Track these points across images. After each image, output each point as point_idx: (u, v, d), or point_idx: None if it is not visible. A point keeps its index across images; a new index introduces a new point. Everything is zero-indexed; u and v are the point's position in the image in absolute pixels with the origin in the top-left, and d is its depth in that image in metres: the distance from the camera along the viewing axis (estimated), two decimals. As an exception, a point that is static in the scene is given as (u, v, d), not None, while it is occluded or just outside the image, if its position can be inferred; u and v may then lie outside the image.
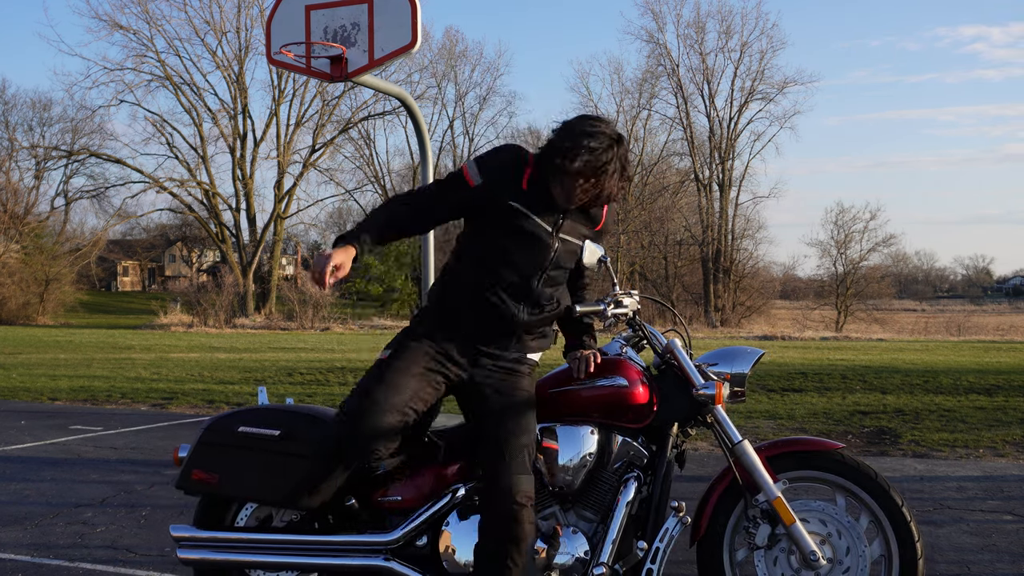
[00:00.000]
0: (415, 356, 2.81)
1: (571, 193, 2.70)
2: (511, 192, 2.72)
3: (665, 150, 43.85)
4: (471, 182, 2.74)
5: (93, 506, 5.18)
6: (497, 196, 2.72)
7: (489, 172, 2.74)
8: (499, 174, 2.74)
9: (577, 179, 2.67)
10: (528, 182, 2.73)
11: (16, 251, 40.19)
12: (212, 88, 46.21)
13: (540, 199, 2.74)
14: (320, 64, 6.25)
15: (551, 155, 2.69)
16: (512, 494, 2.71)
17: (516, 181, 2.72)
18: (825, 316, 41.50)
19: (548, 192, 2.73)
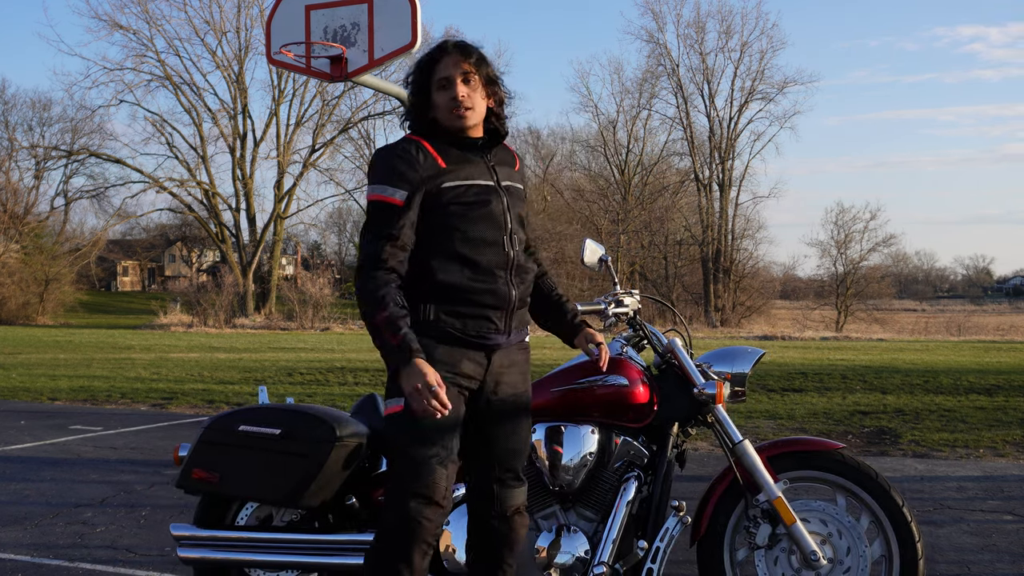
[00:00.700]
0: None
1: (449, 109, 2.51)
2: (437, 176, 2.49)
3: (665, 150, 43.89)
4: (398, 201, 2.47)
5: (93, 506, 5.18)
6: (428, 190, 2.49)
7: (403, 178, 2.48)
8: (413, 170, 2.49)
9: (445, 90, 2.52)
10: (441, 157, 2.52)
11: (16, 251, 40.20)
12: (212, 88, 46.23)
13: (463, 161, 2.55)
14: (320, 64, 6.25)
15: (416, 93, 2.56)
16: (513, 504, 2.64)
17: (432, 164, 2.50)
18: (825, 316, 41.49)
19: (462, 151, 2.55)
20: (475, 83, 2.55)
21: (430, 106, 2.55)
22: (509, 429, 2.64)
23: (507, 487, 2.63)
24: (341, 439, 2.97)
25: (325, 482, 2.96)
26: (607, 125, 43.58)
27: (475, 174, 2.56)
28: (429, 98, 2.55)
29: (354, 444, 2.99)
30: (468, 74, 2.54)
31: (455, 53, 2.55)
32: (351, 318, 33.74)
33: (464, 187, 2.52)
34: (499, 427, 2.62)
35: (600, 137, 43.82)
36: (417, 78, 2.58)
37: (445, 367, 2.49)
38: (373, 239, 2.48)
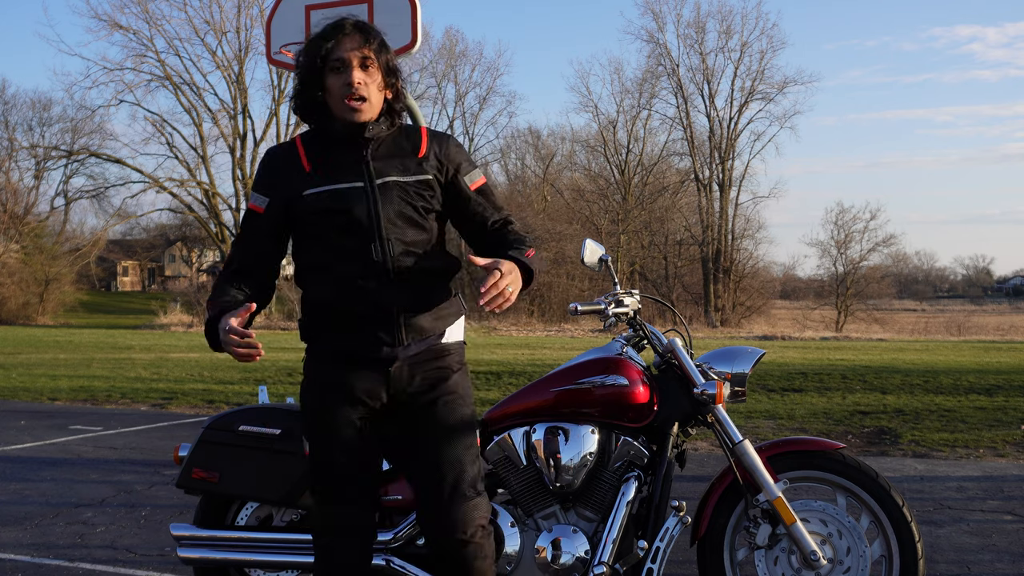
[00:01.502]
0: (326, 419, 2.40)
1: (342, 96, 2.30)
2: (300, 184, 2.34)
3: (665, 150, 43.92)
4: (260, 209, 2.39)
5: (93, 506, 5.17)
6: (290, 200, 2.35)
7: (268, 186, 2.39)
8: (276, 177, 2.38)
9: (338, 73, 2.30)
10: (309, 161, 2.36)
11: (16, 251, 40.21)
12: (212, 88, 46.27)
13: (331, 164, 2.35)
14: (320, 64, 6.25)
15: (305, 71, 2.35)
16: (460, 527, 2.37)
17: (297, 170, 2.35)
18: (825, 316, 41.51)
19: (334, 152, 2.35)
20: (373, 71, 2.32)
21: (321, 88, 2.33)
22: (440, 441, 2.40)
23: (456, 504, 2.37)
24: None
25: (325, 482, 2.96)
26: (607, 125, 43.64)
27: (341, 175, 2.33)
28: (320, 79, 2.32)
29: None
30: (367, 59, 2.31)
31: (354, 34, 2.33)
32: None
33: (325, 193, 2.32)
34: (426, 442, 2.41)
35: (600, 137, 43.87)
36: (308, 57, 2.34)
37: (335, 390, 2.39)
38: (231, 246, 2.48)
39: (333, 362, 2.40)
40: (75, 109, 57.96)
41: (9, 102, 47.56)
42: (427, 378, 2.42)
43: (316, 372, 2.46)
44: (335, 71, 2.31)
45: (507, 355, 16.49)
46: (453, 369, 2.47)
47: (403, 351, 2.38)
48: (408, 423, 2.44)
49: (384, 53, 2.36)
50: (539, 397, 2.98)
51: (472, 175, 2.48)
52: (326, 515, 2.45)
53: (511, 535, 2.90)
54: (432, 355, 2.43)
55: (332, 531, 2.44)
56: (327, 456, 2.41)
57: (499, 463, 2.98)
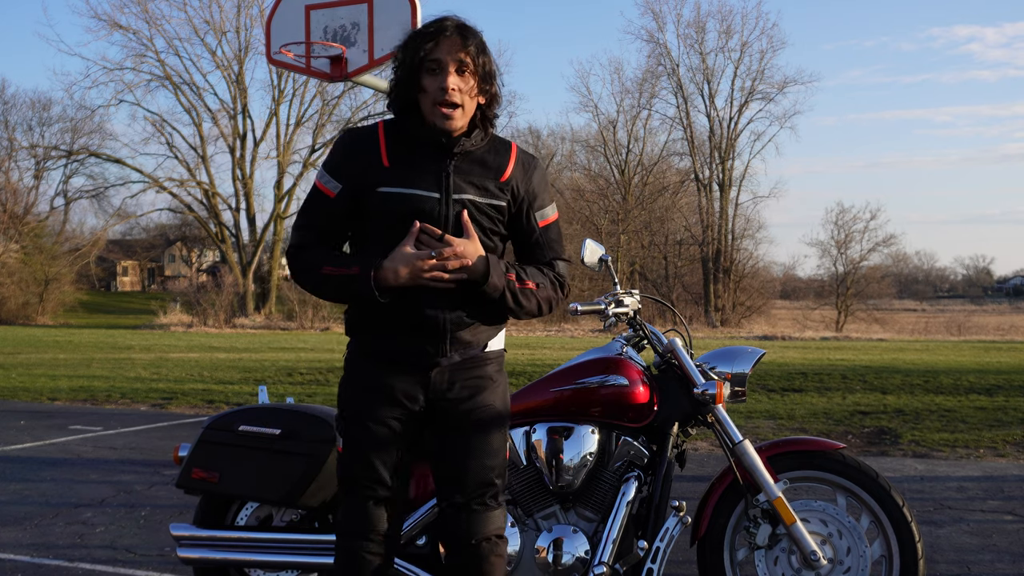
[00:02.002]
0: (364, 417, 2.39)
1: (435, 100, 2.26)
2: (374, 177, 2.30)
3: (665, 150, 43.85)
4: (331, 193, 2.34)
5: (93, 506, 5.17)
6: (361, 191, 2.31)
7: (342, 171, 2.34)
8: (352, 166, 2.33)
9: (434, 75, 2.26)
10: (388, 155, 2.32)
11: (16, 251, 40.19)
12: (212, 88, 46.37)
13: (411, 165, 2.31)
14: (320, 64, 6.25)
15: (402, 68, 2.31)
16: (477, 535, 2.40)
17: (375, 162, 2.31)
18: (825, 316, 41.49)
19: (417, 153, 2.32)
20: (468, 76, 2.29)
21: (416, 87, 2.29)
22: (467, 450, 2.40)
23: (472, 512, 2.39)
24: (341, 439, 2.97)
25: (325, 482, 2.96)
26: (607, 125, 43.59)
27: (418, 181, 2.29)
28: (416, 77, 2.29)
29: (354, 444, 2.99)
30: (463, 64, 2.28)
31: (454, 36, 2.28)
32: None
33: (399, 195, 2.29)
34: (456, 448, 2.41)
35: (600, 137, 43.83)
36: (406, 55, 2.31)
37: (376, 389, 2.38)
38: (297, 227, 2.40)
39: (376, 361, 2.39)
40: (75, 109, 57.94)
41: (9, 102, 47.61)
42: (466, 386, 2.41)
43: (357, 369, 2.44)
44: (431, 72, 2.28)
45: (507, 355, 16.46)
46: (492, 379, 2.46)
47: (446, 360, 2.38)
48: (442, 427, 2.42)
49: (482, 57, 2.31)
50: (539, 397, 2.98)
51: (545, 211, 2.49)
52: (354, 514, 2.41)
53: (511, 535, 2.90)
54: (473, 363, 2.43)
55: (359, 532, 2.40)
56: (361, 454, 2.39)
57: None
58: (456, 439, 2.41)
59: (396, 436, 2.39)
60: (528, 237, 2.47)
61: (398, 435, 2.39)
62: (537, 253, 2.48)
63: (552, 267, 2.49)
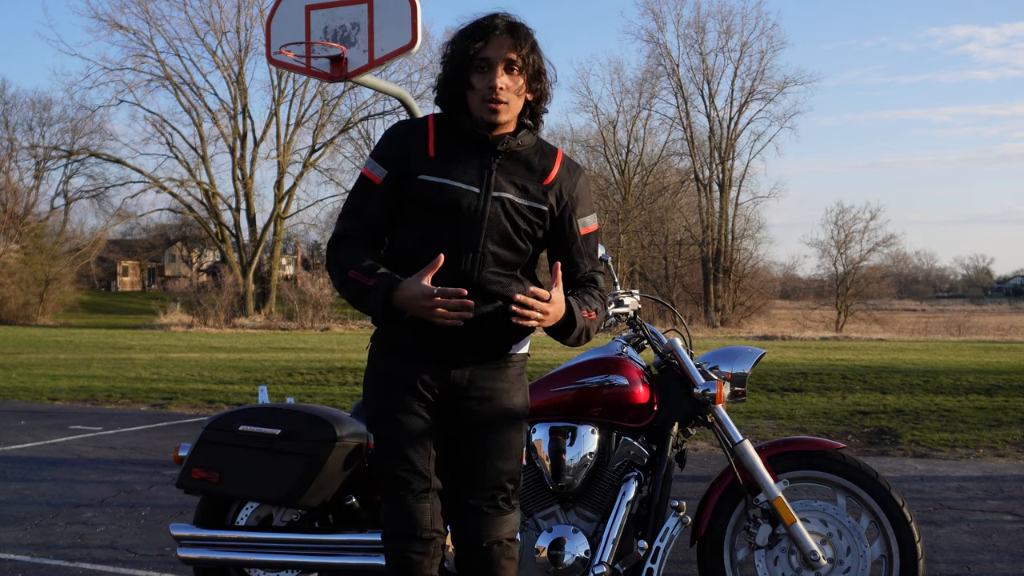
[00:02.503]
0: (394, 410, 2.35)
1: (483, 98, 2.26)
2: (418, 165, 2.30)
3: (665, 150, 43.87)
4: (376, 179, 2.33)
5: (93, 506, 5.17)
6: (405, 177, 2.31)
7: (389, 158, 2.34)
8: (399, 153, 2.33)
9: (483, 73, 2.26)
10: (435, 146, 2.31)
11: (16, 251, 40.20)
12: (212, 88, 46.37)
13: (455, 158, 2.30)
14: (320, 64, 6.25)
15: (451, 64, 2.30)
16: (488, 538, 2.36)
17: (420, 151, 2.31)
18: (825, 316, 41.49)
19: (463, 147, 2.31)
20: (517, 75, 2.28)
21: (465, 83, 2.29)
22: (484, 451, 2.36)
23: (485, 515, 2.36)
24: (341, 439, 2.98)
25: (325, 482, 2.96)
26: (607, 125, 43.61)
27: (461, 175, 2.28)
28: (465, 75, 2.28)
29: (354, 444, 2.99)
30: (513, 63, 2.26)
31: (505, 35, 2.26)
32: (351, 318, 33.75)
33: (439, 185, 2.27)
34: (472, 449, 2.37)
35: (600, 137, 43.84)
36: (456, 50, 2.30)
37: (401, 380, 2.35)
38: (343, 215, 2.39)
39: (399, 354, 2.35)
40: (75, 109, 58.10)
41: (9, 102, 47.61)
42: (486, 387, 2.36)
43: (379, 362, 2.41)
44: (480, 70, 2.27)
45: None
46: (512, 382, 2.40)
47: (469, 357, 2.34)
48: (457, 426, 2.37)
49: (533, 56, 2.30)
50: (539, 397, 2.98)
51: (586, 220, 2.43)
52: (395, 513, 2.34)
53: (511, 535, 2.90)
54: (496, 364, 2.38)
55: (403, 533, 2.33)
56: (394, 448, 2.33)
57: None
58: (472, 440, 2.36)
59: (428, 427, 2.34)
60: (569, 244, 2.41)
61: (429, 426, 2.35)
62: (576, 261, 2.42)
63: (595, 282, 2.47)
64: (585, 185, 2.44)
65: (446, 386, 2.35)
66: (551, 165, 2.37)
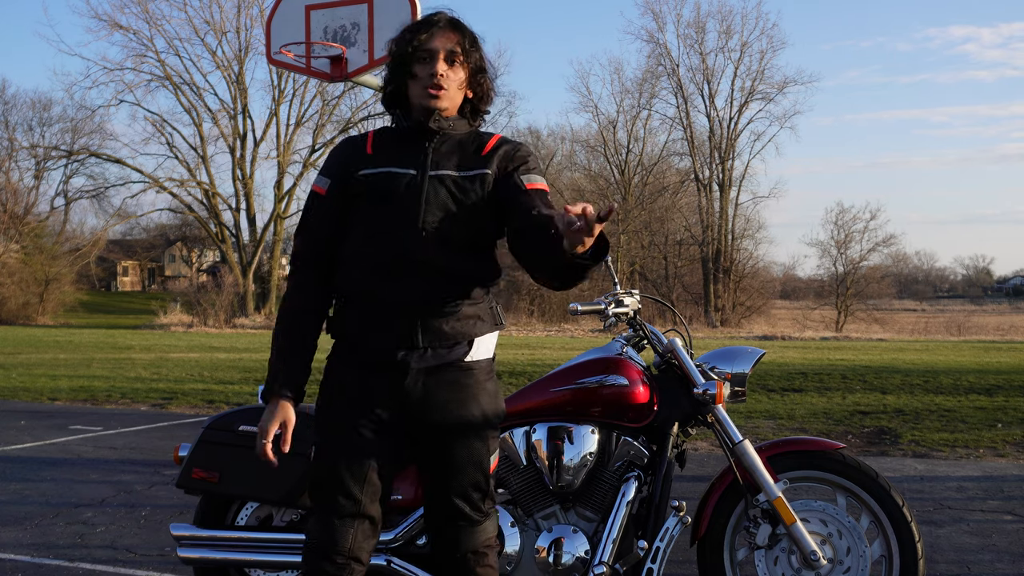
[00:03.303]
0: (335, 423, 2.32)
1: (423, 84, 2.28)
2: (357, 165, 2.32)
3: (665, 150, 43.86)
4: (322, 191, 2.35)
5: (93, 506, 5.17)
6: (347, 179, 2.32)
7: (331, 167, 2.37)
8: (340, 161, 2.37)
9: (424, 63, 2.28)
10: (373, 145, 2.35)
11: (16, 251, 40.20)
12: (212, 88, 46.35)
13: (392, 149, 2.33)
14: (320, 64, 6.25)
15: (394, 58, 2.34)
16: (466, 548, 2.32)
17: (359, 153, 2.35)
18: (825, 316, 41.49)
19: (400, 139, 2.34)
20: (459, 68, 2.31)
21: (409, 76, 2.31)
22: (445, 461, 2.29)
23: (458, 528, 2.31)
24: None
25: (325, 482, 2.96)
26: (607, 125, 43.60)
27: (397, 160, 2.30)
28: (407, 68, 2.31)
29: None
30: (454, 55, 2.30)
31: (446, 29, 2.32)
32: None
33: (376, 175, 2.28)
34: (435, 461, 2.30)
35: (600, 137, 43.84)
36: (399, 46, 2.33)
37: (349, 396, 2.31)
38: (296, 232, 2.47)
39: (350, 363, 2.32)
40: (75, 109, 58.06)
41: (9, 102, 47.60)
42: (446, 399, 2.27)
43: (332, 372, 2.41)
44: (422, 61, 2.29)
45: (507, 355, 16.48)
46: (476, 391, 2.31)
47: (418, 357, 2.25)
48: (421, 439, 2.31)
49: (474, 52, 2.34)
50: (539, 397, 2.98)
51: (531, 177, 2.33)
52: (318, 529, 2.29)
53: (511, 535, 2.90)
54: (453, 372, 2.28)
55: (320, 550, 2.26)
56: (328, 463, 2.29)
57: (499, 463, 2.98)
58: (436, 453, 2.30)
59: (369, 446, 2.26)
60: (515, 195, 2.28)
61: (371, 445, 2.27)
62: (524, 209, 2.22)
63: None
64: (528, 152, 2.39)
65: (404, 400, 2.27)
66: (487, 140, 2.37)
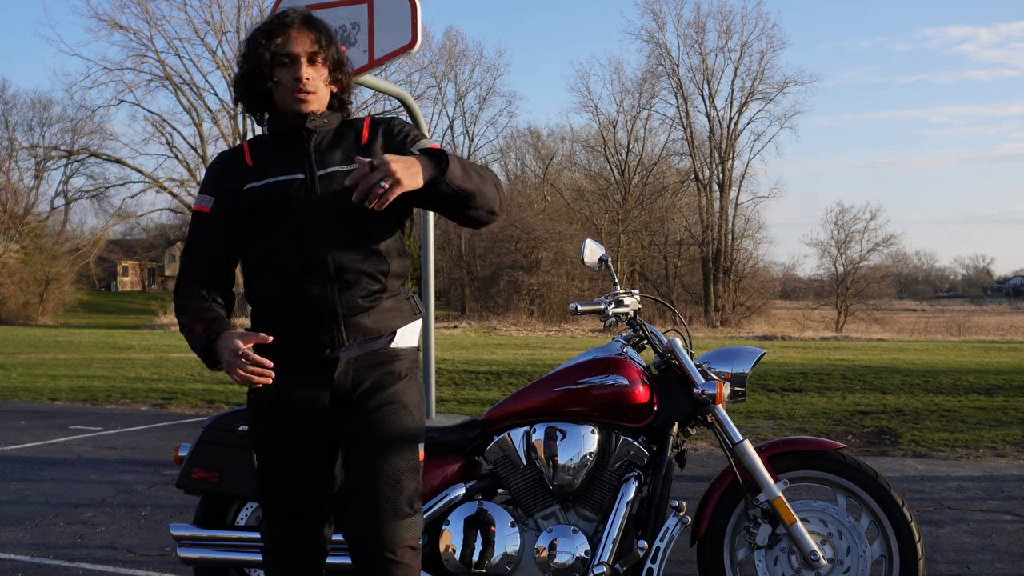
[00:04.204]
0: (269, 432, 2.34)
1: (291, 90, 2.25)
2: (240, 179, 2.29)
3: (665, 150, 43.86)
4: (206, 208, 2.32)
5: (93, 506, 5.17)
6: (232, 195, 2.29)
7: (211, 184, 2.34)
8: (219, 176, 2.34)
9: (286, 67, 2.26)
10: (251, 156, 2.32)
11: (16, 251, 40.19)
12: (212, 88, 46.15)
13: (272, 157, 2.30)
14: (320, 64, 6.24)
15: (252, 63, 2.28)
16: (390, 545, 2.22)
17: (239, 166, 2.32)
18: (825, 316, 41.50)
19: (277, 145, 2.32)
20: (320, 66, 2.30)
21: (268, 78, 2.27)
22: (378, 451, 2.26)
23: (388, 521, 2.23)
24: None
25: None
26: (607, 125, 43.60)
27: (280, 168, 2.27)
28: (268, 71, 2.26)
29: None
30: (315, 55, 2.28)
31: (302, 29, 2.28)
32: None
33: (263, 187, 2.26)
34: (366, 450, 2.27)
35: (600, 137, 43.84)
36: (255, 50, 2.27)
37: (277, 403, 2.30)
38: (182, 254, 2.39)
39: (275, 369, 2.17)
40: (75, 109, 57.94)
41: (9, 102, 47.49)
42: (371, 383, 2.29)
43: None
44: (283, 65, 2.27)
45: (507, 355, 16.48)
46: (400, 376, 2.32)
47: (345, 352, 2.27)
48: (348, 429, 2.30)
49: (332, 47, 2.32)
50: (539, 397, 2.98)
51: (423, 142, 2.31)
52: (273, 532, 2.41)
53: (511, 535, 2.90)
54: (379, 359, 2.31)
55: (278, 551, 2.40)
56: (271, 471, 2.36)
57: (499, 463, 2.99)
58: (361, 442, 2.28)
59: (305, 447, 2.33)
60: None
61: (307, 446, 2.33)
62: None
63: None
64: (402, 124, 2.37)
65: (332, 391, 2.28)
66: (361, 128, 2.35)
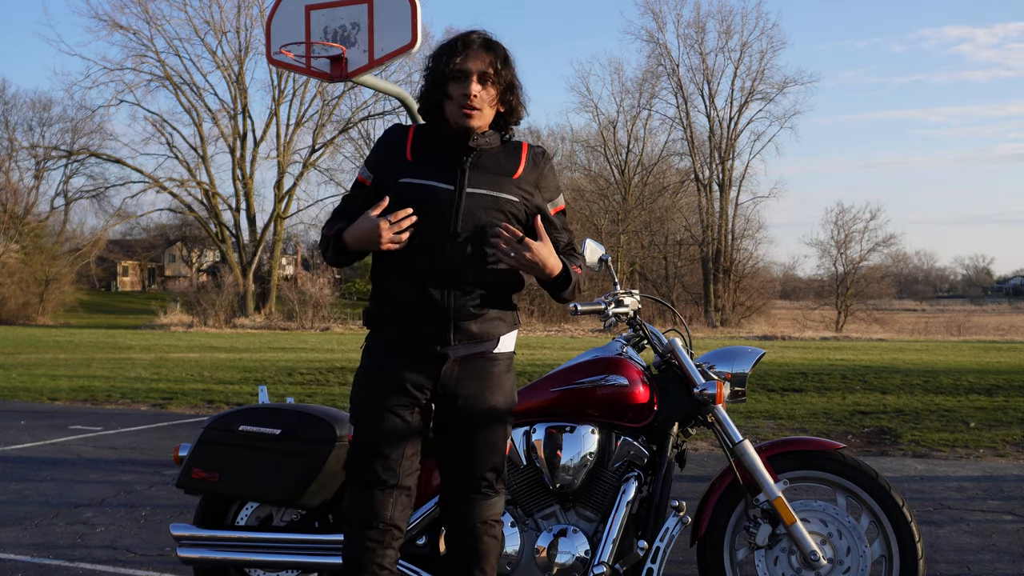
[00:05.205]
0: (374, 405, 2.52)
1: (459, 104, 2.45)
2: (398, 169, 2.51)
3: (665, 150, 43.90)
4: (367, 182, 2.57)
5: (93, 506, 5.17)
6: (387, 181, 2.51)
7: (374, 164, 2.57)
8: (383, 157, 2.56)
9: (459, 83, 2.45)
10: (412, 150, 2.53)
11: (16, 251, 40.21)
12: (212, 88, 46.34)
13: (431, 160, 2.51)
14: (320, 64, 6.25)
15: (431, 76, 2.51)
16: (477, 518, 2.58)
17: (400, 155, 2.53)
18: (825, 316, 41.50)
19: (439, 149, 2.51)
20: (491, 87, 2.48)
21: (443, 93, 2.48)
22: (469, 441, 2.55)
23: (476, 500, 2.57)
24: (341, 439, 2.98)
25: (325, 482, 2.96)
26: (607, 125, 43.64)
27: (436, 174, 2.48)
28: (443, 86, 2.48)
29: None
30: (486, 75, 2.47)
31: (480, 51, 2.48)
32: (351, 318, 33.76)
33: (417, 186, 2.47)
34: (460, 439, 2.56)
35: (600, 137, 43.87)
36: (436, 64, 2.50)
37: (386, 378, 2.51)
38: (334, 213, 2.61)
39: (389, 352, 2.52)
40: (75, 109, 58.14)
41: (9, 102, 47.60)
42: (474, 383, 2.53)
43: (371, 360, 2.58)
44: (456, 80, 2.46)
45: (507, 355, 16.47)
46: (500, 378, 2.58)
47: (453, 351, 2.50)
48: (447, 420, 2.56)
49: (505, 70, 2.51)
50: (539, 397, 2.98)
51: (556, 201, 2.64)
52: (359, 502, 2.50)
53: (511, 535, 2.90)
54: (482, 360, 2.55)
55: (364, 521, 2.48)
56: (368, 440, 2.50)
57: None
58: (461, 435, 2.55)
59: (405, 425, 2.51)
60: (545, 225, 2.59)
61: (407, 425, 2.51)
62: (554, 237, 2.61)
63: (573, 249, 2.70)
64: (551, 170, 2.64)
65: (437, 384, 2.52)
66: (519, 160, 2.58)
